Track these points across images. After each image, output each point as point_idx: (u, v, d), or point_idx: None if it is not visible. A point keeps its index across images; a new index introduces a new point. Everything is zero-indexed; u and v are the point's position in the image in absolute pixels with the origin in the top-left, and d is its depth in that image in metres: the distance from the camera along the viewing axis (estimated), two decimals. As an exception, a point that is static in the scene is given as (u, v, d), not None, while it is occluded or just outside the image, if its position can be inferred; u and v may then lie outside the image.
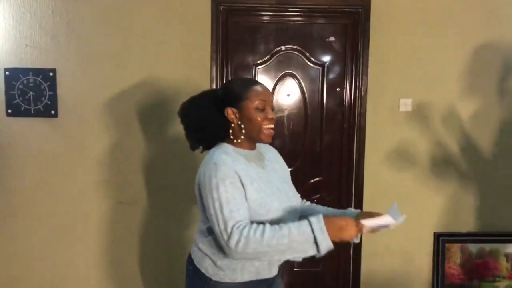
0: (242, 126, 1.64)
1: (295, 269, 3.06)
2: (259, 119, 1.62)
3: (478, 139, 3.00)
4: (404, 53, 2.92)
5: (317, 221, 1.46)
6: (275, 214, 1.59)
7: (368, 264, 3.05)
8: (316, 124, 3.03)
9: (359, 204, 3.01)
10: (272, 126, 1.66)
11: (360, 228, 1.52)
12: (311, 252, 1.47)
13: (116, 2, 2.77)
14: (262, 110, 1.64)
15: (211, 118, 1.67)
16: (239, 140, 1.66)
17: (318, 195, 3.07)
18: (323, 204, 1.96)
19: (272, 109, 1.69)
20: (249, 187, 1.55)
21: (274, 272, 1.70)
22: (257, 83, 1.72)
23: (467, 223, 3.05)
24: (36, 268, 2.91)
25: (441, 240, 3.01)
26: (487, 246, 3.04)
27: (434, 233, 3.03)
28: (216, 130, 1.68)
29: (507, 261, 3.05)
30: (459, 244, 3.04)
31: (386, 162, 2.99)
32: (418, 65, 2.94)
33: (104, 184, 2.88)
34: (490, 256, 3.04)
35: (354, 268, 3.06)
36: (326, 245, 1.45)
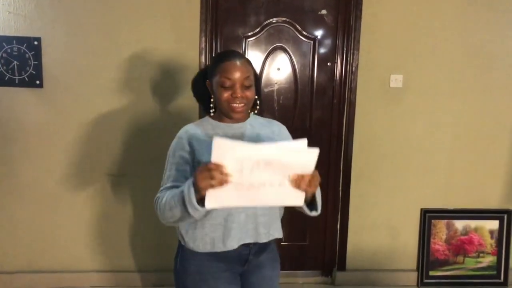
0: (213, 100, 1.64)
1: (282, 243, 3.08)
2: (224, 96, 1.57)
3: (468, 114, 3.00)
4: (397, 26, 2.88)
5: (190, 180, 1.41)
6: None
7: (355, 239, 3.08)
8: (306, 99, 3.01)
9: (347, 179, 3.02)
10: (238, 104, 1.57)
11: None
12: (189, 209, 1.39)
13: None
14: (228, 87, 1.56)
15: (198, 91, 1.72)
16: (216, 113, 1.66)
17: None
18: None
19: (248, 86, 1.58)
20: (204, 154, 1.55)
21: (229, 245, 1.58)
22: (229, 58, 1.59)
23: (455, 201, 3.08)
24: (21, 237, 2.91)
25: (428, 216, 3.04)
26: (472, 223, 3.07)
27: (421, 209, 3.06)
28: (203, 102, 1.70)
29: (491, 237, 3.09)
30: (445, 221, 3.07)
31: (375, 138, 2.99)
32: (411, 39, 2.90)
33: (91, 155, 2.85)
34: (475, 233, 3.08)
35: (341, 242, 3.08)
36: (190, 205, 1.37)
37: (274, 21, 2.91)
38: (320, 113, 3.04)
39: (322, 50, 2.97)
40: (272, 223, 1.66)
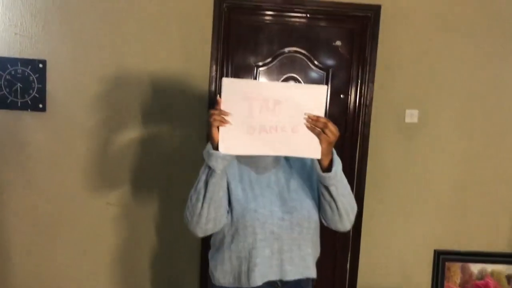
0: None
1: (288, 282, 2.94)
2: None
3: (484, 153, 2.88)
4: (413, 61, 2.80)
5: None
6: (252, 214, 1.54)
7: (365, 279, 2.93)
8: (318, 131, 2.90)
9: (359, 217, 2.88)
10: None
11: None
12: (206, 169, 1.46)
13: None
14: None
15: None
16: None
17: (316, 206, 2.94)
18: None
19: None
20: (232, 183, 1.59)
21: (253, 281, 1.53)
22: None
23: (469, 242, 2.94)
24: (19, 263, 2.76)
25: (442, 259, 2.90)
26: (489, 267, 2.93)
27: (435, 250, 2.92)
28: None
29: (509, 283, 2.93)
30: (460, 263, 2.92)
31: (388, 174, 2.87)
32: (428, 75, 2.81)
33: (92, 183, 2.73)
34: (492, 277, 2.92)
35: (350, 282, 2.93)
36: (207, 153, 1.44)
37: (286, 50, 2.83)
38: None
39: (335, 82, 2.88)
40: (301, 260, 1.58)
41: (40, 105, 2.63)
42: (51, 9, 2.60)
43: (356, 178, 2.88)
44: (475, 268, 2.92)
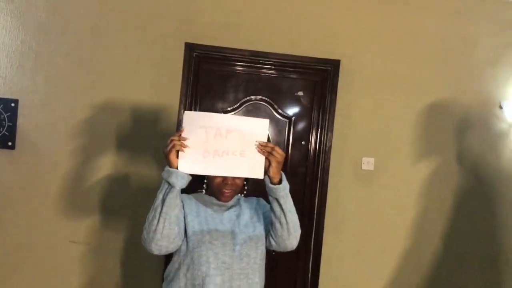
0: (206, 181, 1.83)
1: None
2: (216, 180, 1.79)
3: (439, 199, 3.06)
4: (369, 112, 3.01)
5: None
6: (207, 245, 1.71)
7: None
8: (280, 175, 3.03)
9: (317, 260, 2.98)
10: (228, 190, 1.79)
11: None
12: (166, 186, 1.64)
13: (88, 39, 2.77)
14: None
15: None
16: (208, 191, 1.86)
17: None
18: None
19: None
20: (188, 216, 1.75)
21: None
22: None
23: (422, 282, 3.06)
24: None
25: (396, 301, 3.01)
26: (441, 310, 3.05)
27: (390, 293, 3.03)
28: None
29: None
30: (414, 307, 3.03)
31: (347, 218, 3.01)
32: (382, 125, 3.02)
33: (57, 221, 2.76)
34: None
35: (308, 325, 3.00)
36: (167, 171, 1.63)
37: (253, 98, 3.00)
38: (294, 191, 3.03)
39: (297, 129, 3.05)
40: (249, 287, 1.74)
41: (9, 143, 2.69)
42: (27, 53, 2.71)
43: (316, 221, 3.00)
44: (427, 311, 3.04)
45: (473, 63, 3.06)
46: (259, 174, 1.69)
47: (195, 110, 2.92)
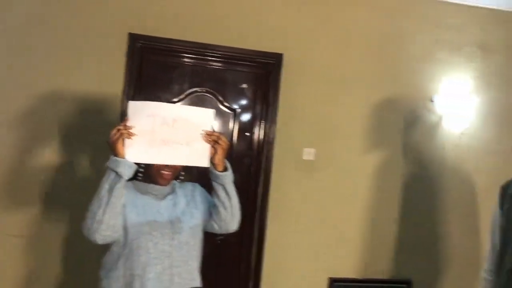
0: (142, 168, 1.83)
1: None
2: (155, 164, 1.79)
3: (376, 188, 3.23)
4: (310, 104, 3.12)
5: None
6: (146, 236, 1.74)
7: (266, 308, 3.10)
8: (224, 166, 3.10)
9: (260, 247, 3.08)
10: (167, 172, 1.81)
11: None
12: (112, 176, 1.64)
13: (30, 27, 2.72)
14: None
15: None
16: (143, 178, 1.86)
17: (222, 237, 3.09)
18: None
19: None
20: (127, 207, 1.75)
21: None
22: None
23: (361, 270, 3.22)
24: None
25: (335, 286, 3.15)
26: (378, 292, 3.22)
27: (329, 278, 3.16)
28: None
29: (394, 307, 3.24)
30: (352, 290, 3.19)
31: (289, 207, 3.11)
32: (323, 117, 3.14)
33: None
34: (380, 302, 3.22)
35: (251, 312, 3.09)
36: (114, 161, 1.64)
37: (198, 90, 3.04)
38: (238, 180, 3.11)
39: (242, 121, 3.12)
40: (188, 273, 1.80)
41: None
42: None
43: (259, 210, 3.09)
44: (365, 294, 3.21)
45: (407, 58, 3.23)
46: (204, 162, 1.75)
47: (140, 101, 2.91)
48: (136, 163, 1.73)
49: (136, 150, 1.64)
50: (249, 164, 3.13)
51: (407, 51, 3.23)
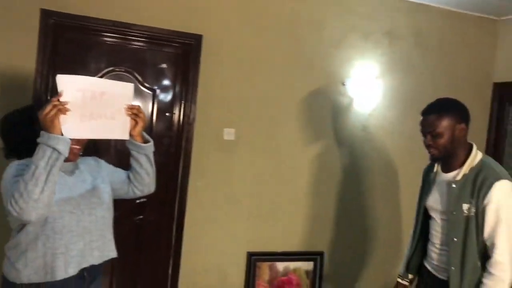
0: None
1: (112, 290, 3.06)
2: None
3: (289, 166, 3.40)
4: (230, 86, 3.20)
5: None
6: (69, 215, 1.77)
7: (186, 282, 3.19)
8: (144, 146, 3.10)
9: (180, 225, 3.15)
10: (79, 147, 1.83)
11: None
12: (48, 152, 1.60)
13: None
14: None
15: (20, 133, 1.83)
16: None
17: (142, 216, 3.13)
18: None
19: None
20: None
21: (71, 272, 1.75)
22: None
23: (276, 244, 3.41)
24: None
25: (253, 259, 3.31)
26: (292, 264, 3.43)
27: (247, 252, 3.32)
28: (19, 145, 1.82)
29: (307, 277, 3.47)
30: (269, 263, 3.37)
31: (209, 186, 3.20)
32: (242, 98, 3.23)
33: None
34: (294, 273, 3.43)
35: (172, 287, 3.16)
36: (53, 138, 1.60)
37: (116, 69, 3.00)
38: (158, 161, 3.13)
39: (161, 101, 3.13)
40: (106, 245, 1.89)
41: None
42: None
43: (179, 189, 3.15)
44: (281, 266, 3.40)
45: (321, 43, 3.40)
46: (126, 135, 1.82)
47: (53, 78, 2.82)
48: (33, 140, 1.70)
49: (69, 126, 1.62)
50: (169, 144, 3.16)
51: (321, 36, 3.40)
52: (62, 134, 1.61)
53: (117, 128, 1.77)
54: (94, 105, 1.67)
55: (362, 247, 3.65)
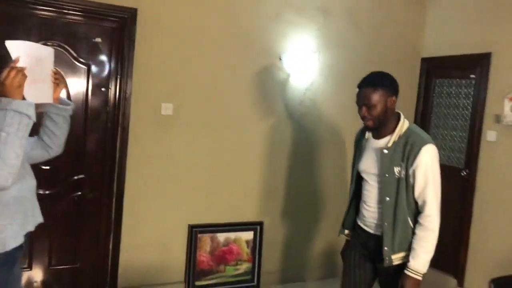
0: None
1: (51, 267, 3.04)
2: None
3: (226, 140, 3.47)
4: (167, 60, 3.19)
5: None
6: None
7: (127, 257, 3.22)
8: (80, 122, 3.06)
9: (120, 200, 3.15)
10: None
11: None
12: (17, 118, 1.60)
13: None
14: None
15: None
16: None
17: (80, 192, 3.11)
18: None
19: None
20: None
21: (20, 240, 1.77)
22: None
23: (217, 216, 3.50)
24: None
25: (194, 231, 3.38)
26: (232, 235, 3.53)
27: (189, 225, 3.38)
28: None
29: (248, 246, 3.59)
30: (210, 235, 3.45)
31: (148, 161, 3.22)
32: (179, 73, 3.24)
33: None
34: (234, 243, 3.54)
35: (113, 262, 3.19)
36: (24, 104, 1.62)
37: (48, 43, 2.90)
38: (95, 137, 3.13)
39: (96, 76, 3.08)
40: (37, 210, 1.91)
41: None
42: None
43: (118, 165, 3.14)
44: (221, 237, 3.50)
45: (257, 18, 3.45)
46: (50, 99, 1.83)
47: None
48: None
49: (28, 91, 1.66)
50: (105, 120, 3.14)
51: (257, 10, 3.44)
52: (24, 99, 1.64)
53: (46, 92, 1.81)
54: (38, 70, 1.71)
55: (308, 215, 3.82)
